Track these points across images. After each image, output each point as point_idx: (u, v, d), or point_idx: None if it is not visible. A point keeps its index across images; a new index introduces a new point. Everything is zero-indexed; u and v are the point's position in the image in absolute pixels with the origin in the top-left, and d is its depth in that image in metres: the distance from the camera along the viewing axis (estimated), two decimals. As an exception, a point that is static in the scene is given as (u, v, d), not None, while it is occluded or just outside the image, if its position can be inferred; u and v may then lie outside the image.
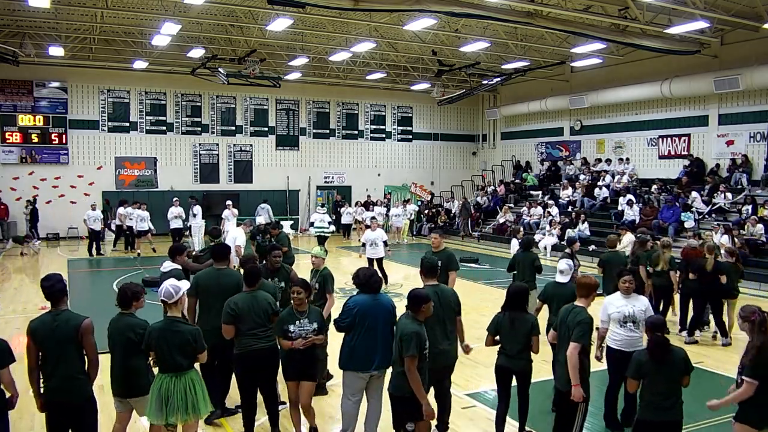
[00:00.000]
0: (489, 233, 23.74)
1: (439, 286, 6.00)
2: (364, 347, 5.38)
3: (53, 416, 4.73)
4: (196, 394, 4.92)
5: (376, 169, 29.07)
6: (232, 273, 6.72)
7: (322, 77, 26.34)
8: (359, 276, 5.64)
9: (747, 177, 18.68)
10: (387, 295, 5.81)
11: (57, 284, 4.76)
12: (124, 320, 5.03)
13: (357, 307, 5.46)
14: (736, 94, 19.17)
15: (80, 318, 4.72)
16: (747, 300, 10.13)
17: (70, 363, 4.65)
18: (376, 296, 5.55)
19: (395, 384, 5.07)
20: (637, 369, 4.82)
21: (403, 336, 4.95)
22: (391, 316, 5.52)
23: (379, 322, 5.44)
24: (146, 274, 14.72)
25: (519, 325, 5.70)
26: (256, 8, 17.30)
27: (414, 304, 5.09)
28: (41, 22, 19.41)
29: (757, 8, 15.58)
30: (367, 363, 5.40)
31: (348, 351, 5.46)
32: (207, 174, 25.75)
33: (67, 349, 4.64)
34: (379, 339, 5.41)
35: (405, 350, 4.90)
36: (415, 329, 4.95)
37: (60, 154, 23.33)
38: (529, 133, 28.07)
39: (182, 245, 7.98)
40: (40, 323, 4.71)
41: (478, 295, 13.56)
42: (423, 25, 16.92)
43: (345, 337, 5.51)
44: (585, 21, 16.05)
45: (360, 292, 5.62)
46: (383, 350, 5.42)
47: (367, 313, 5.40)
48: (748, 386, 4.51)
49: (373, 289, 5.55)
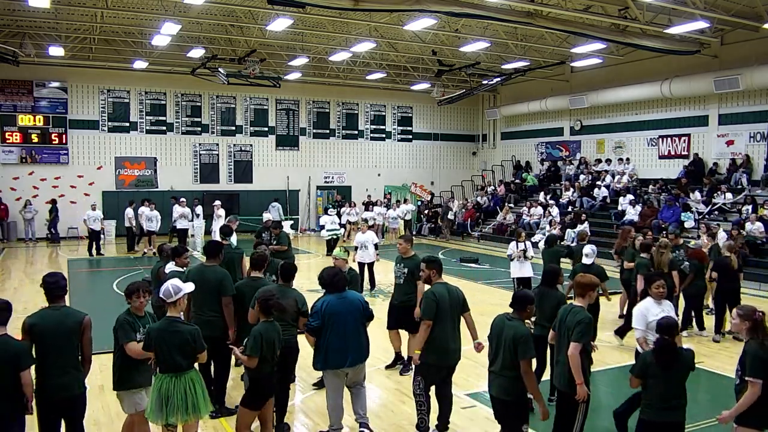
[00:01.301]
0: (489, 233, 23.74)
1: (448, 284, 6.05)
2: (336, 346, 5.56)
3: (46, 409, 4.78)
4: (196, 393, 4.92)
5: (376, 169, 29.07)
6: (216, 269, 6.78)
7: (322, 77, 26.34)
8: (323, 277, 5.86)
9: (747, 177, 18.68)
10: (355, 292, 6.05)
11: (61, 281, 4.93)
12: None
13: (325, 307, 5.64)
14: (736, 94, 19.17)
15: (82, 314, 4.89)
16: (747, 300, 10.15)
17: (69, 357, 4.78)
18: (342, 294, 5.74)
19: (506, 388, 5.01)
20: (643, 369, 4.80)
21: (518, 338, 4.86)
22: (360, 313, 5.73)
23: (349, 320, 5.63)
24: (146, 274, 14.72)
25: (546, 299, 6.30)
26: (256, 8, 17.30)
27: (522, 304, 5.11)
28: (41, 22, 19.41)
29: (757, 8, 15.58)
30: (341, 360, 5.60)
31: (322, 351, 5.64)
32: (207, 174, 25.74)
33: (67, 343, 4.76)
34: (349, 336, 5.62)
35: (523, 353, 4.83)
36: (527, 331, 5.00)
37: (60, 154, 23.33)
38: (529, 133, 28.07)
39: (184, 247, 7.98)
40: (39, 318, 4.78)
41: (478, 295, 13.55)
42: (423, 25, 16.92)
43: (318, 339, 5.66)
44: (585, 21, 16.06)
45: (327, 292, 5.79)
46: (356, 346, 5.66)
47: (335, 312, 5.57)
48: (754, 387, 4.46)
49: (338, 288, 5.74)
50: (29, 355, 4.58)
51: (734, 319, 4.85)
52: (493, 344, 5.14)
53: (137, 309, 5.20)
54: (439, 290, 5.82)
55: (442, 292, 5.81)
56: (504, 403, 5.04)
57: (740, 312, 4.79)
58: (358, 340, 5.70)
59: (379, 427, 6.39)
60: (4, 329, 4.54)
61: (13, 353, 4.44)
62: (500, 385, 5.04)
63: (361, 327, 5.77)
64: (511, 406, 5.01)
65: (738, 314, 4.79)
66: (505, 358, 4.95)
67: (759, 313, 4.69)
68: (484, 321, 6.20)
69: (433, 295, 5.74)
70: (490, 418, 6.62)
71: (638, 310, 6.12)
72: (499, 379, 5.05)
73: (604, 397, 7.35)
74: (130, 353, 4.99)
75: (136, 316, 5.17)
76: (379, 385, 7.72)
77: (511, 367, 4.92)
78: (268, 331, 5.25)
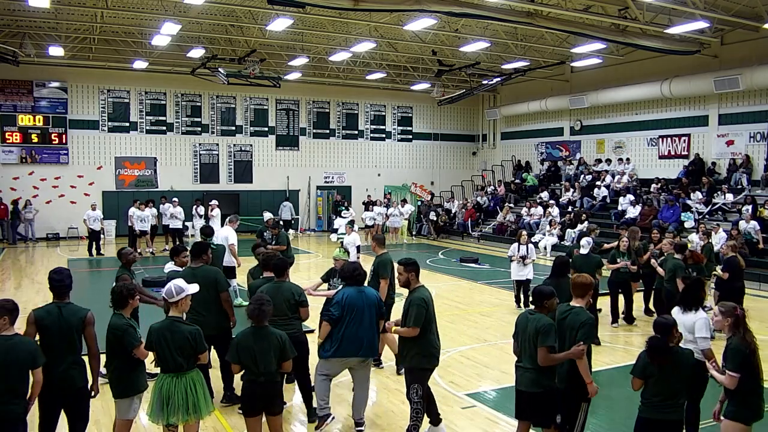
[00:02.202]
0: (489, 233, 23.75)
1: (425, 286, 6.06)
2: (352, 336, 5.81)
3: (49, 401, 4.86)
4: (197, 394, 4.92)
5: (376, 169, 29.07)
6: (206, 269, 6.85)
7: (322, 77, 26.34)
8: (344, 270, 6.28)
9: (747, 177, 18.69)
10: (371, 288, 6.35)
11: (66, 279, 5.04)
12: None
13: (345, 299, 5.92)
14: (736, 94, 19.17)
15: (85, 310, 5.01)
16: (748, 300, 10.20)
17: (73, 351, 4.90)
18: (361, 288, 6.08)
19: (536, 380, 5.07)
20: (643, 369, 4.79)
21: (540, 328, 5.00)
22: (375, 307, 6.03)
23: (365, 313, 5.92)
24: (146, 274, 14.73)
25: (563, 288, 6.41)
26: (256, 8, 17.30)
27: (539, 299, 5.23)
28: (41, 22, 19.41)
29: (757, 8, 15.59)
30: (354, 350, 5.86)
31: (336, 341, 5.86)
32: (207, 174, 25.74)
33: (72, 338, 4.89)
34: (365, 328, 5.90)
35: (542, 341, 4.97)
36: (549, 321, 5.11)
37: (60, 154, 23.33)
38: (529, 133, 28.07)
39: (183, 246, 7.98)
40: (45, 312, 4.91)
41: (478, 295, 13.57)
42: (423, 25, 16.93)
43: (333, 328, 5.88)
44: (585, 21, 16.06)
45: (345, 285, 6.16)
46: (369, 339, 5.93)
47: (353, 305, 5.85)
48: (732, 379, 4.66)
49: (357, 282, 6.08)
50: (42, 355, 4.66)
51: (716, 317, 4.97)
52: (518, 340, 5.28)
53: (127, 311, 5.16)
54: (426, 296, 5.78)
55: (429, 298, 5.80)
56: (534, 396, 5.08)
57: (722, 309, 4.92)
58: (372, 333, 5.98)
59: (380, 428, 6.40)
60: (13, 329, 4.60)
61: (27, 353, 4.54)
62: (530, 379, 5.09)
63: (375, 322, 6.02)
64: (542, 397, 5.06)
65: (720, 311, 4.92)
66: (531, 351, 5.08)
67: (740, 310, 4.87)
68: (485, 321, 6.22)
69: (424, 303, 5.69)
70: (490, 418, 6.65)
71: (705, 320, 5.68)
72: (528, 373, 5.12)
73: (603, 397, 7.34)
74: (140, 356, 4.98)
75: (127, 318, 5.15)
76: (377, 384, 7.72)
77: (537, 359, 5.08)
78: (246, 338, 5.08)
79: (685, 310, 5.74)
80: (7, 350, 4.45)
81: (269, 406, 5.13)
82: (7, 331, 4.54)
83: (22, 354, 4.49)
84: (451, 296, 13.25)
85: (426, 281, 6.19)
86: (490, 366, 8.43)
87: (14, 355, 4.45)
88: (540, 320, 5.09)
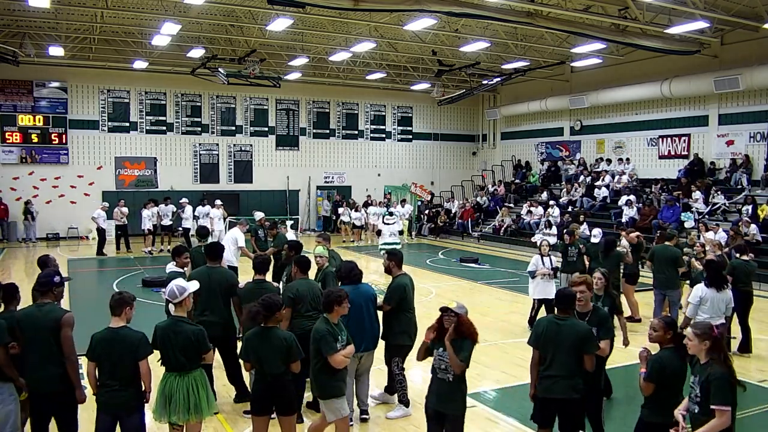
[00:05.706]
0: (489, 233, 23.75)
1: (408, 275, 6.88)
2: (355, 332, 5.95)
3: (36, 404, 4.90)
4: (199, 394, 4.93)
5: (376, 169, 29.06)
6: (223, 271, 6.90)
7: (322, 77, 26.34)
8: (341, 270, 6.55)
9: (747, 177, 18.68)
10: (367, 285, 6.58)
11: (48, 278, 5.06)
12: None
13: None
14: (736, 94, 19.17)
15: (62, 311, 4.95)
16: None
17: (47, 352, 4.83)
18: (357, 286, 6.32)
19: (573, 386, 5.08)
20: (660, 374, 4.60)
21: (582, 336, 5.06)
22: (372, 301, 6.35)
23: (364, 309, 6.21)
24: (146, 274, 14.74)
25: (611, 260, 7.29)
26: (256, 8, 17.29)
27: (568, 303, 5.26)
28: (41, 22, 19.40)
29: (757, 8, 15.59)
30: (359, 344, 6.02)
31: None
32: (207, 174, 25.74)
33: (49, 339, 4.82)
34: (365, 323, 6.21)
35: (588, 348, 5.07)
36: (588, 328, 5.20)
37: (60, 154, 23.32)
38: (529, 133, 28.07)
39: (184, 246, 7.98)
40: (24, 315, 4.93)
41: (478, 295, 13.56)
42: (423, 25, 16.93)
43: None
44: (585, 21, 16.06)
45: (343, 284, 6.38)
46: (371, 332, 6.29)
47: (353, 303, 5.95)
48: (723, 416, 4.00)
49: (354, 281, 6.34)
50: (147, 345, 4.76)
51: (691, 340, 4.28)
52: (548, 348, 5.13)
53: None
54: (406, 282, 6.61)
55: (408, 284, 6.62)
56: (570, 402, 5.08)
57: (697, 332, 4.25)
58: (373, 327, 6.32)
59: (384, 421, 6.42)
60: (122, 321, 4.77)
61: (131, 343, 4.66)
62: (566, 386, 5.05)
63: (374, 315, 6.35)
64: (577, 403, 5.12)
65: (695, 334, 4.25)
66: (568, 359, 5.04)
67: (717, 328, 4.29)
68: (485, 321, 6.22)
69: (402, 288, 6.54)
70: (490, 419, 6.65)
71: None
72: (562, 380, 5.06)
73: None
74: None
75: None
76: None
77: (576, 366, 5.07)
78: (252, 339, 5.06)
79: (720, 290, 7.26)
80: (119, 341, 4.67)
81: (279, 405, 5.09)
82: (116, 323, 4.76)
83: (127, 345, 4.67)
84: (451, 296, 13.20)
85: (426, 281, 6.29)
86: (490, 366, 8.43)
87: (123, 346, 4.66)
88: (577, 326, 5.11)
